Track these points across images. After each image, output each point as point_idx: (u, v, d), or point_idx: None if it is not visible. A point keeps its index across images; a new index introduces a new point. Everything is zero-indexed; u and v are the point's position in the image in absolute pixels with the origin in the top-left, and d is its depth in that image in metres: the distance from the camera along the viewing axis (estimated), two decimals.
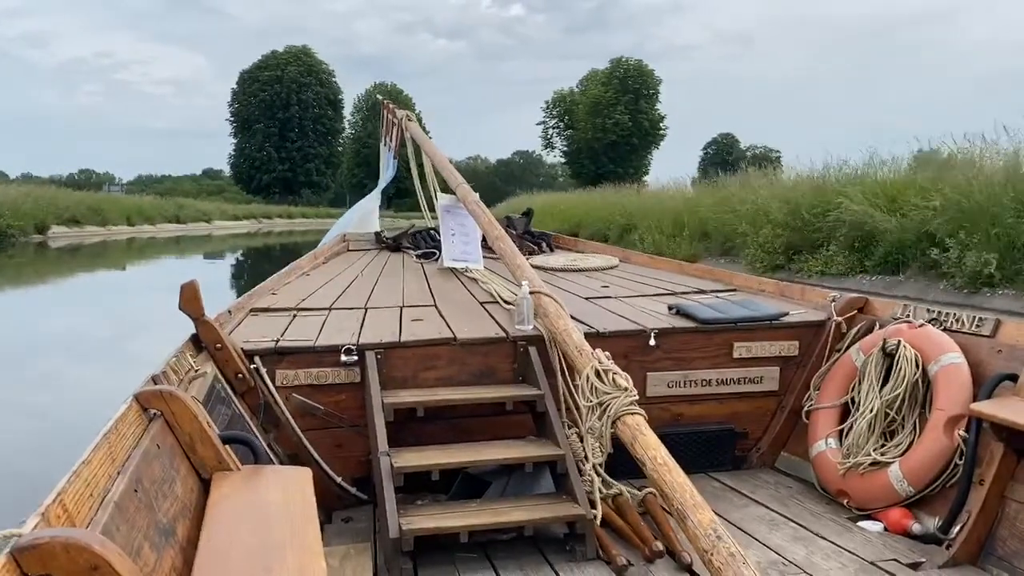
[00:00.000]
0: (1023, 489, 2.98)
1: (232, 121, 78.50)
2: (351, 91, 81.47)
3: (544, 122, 72.91)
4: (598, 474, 3.30)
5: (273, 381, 3.47)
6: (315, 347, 3.59)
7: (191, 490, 2.13)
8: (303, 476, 2.30)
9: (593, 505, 3.16)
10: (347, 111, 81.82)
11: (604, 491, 3.31)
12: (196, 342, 3.31)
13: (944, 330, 3.53)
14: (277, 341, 3.62)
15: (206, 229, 46.81)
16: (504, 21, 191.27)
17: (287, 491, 2.19)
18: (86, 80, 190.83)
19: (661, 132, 70.78)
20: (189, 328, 3.32)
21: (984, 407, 3.06)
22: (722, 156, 77.92)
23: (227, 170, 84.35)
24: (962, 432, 3.19)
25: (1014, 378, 3.14)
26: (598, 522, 3.13)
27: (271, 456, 3.18)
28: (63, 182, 56.59)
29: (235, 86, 78.65)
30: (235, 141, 78.50)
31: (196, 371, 2.99)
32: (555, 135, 72.37)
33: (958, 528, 3.05)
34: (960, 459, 3.18)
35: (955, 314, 3.62)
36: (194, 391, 2.75)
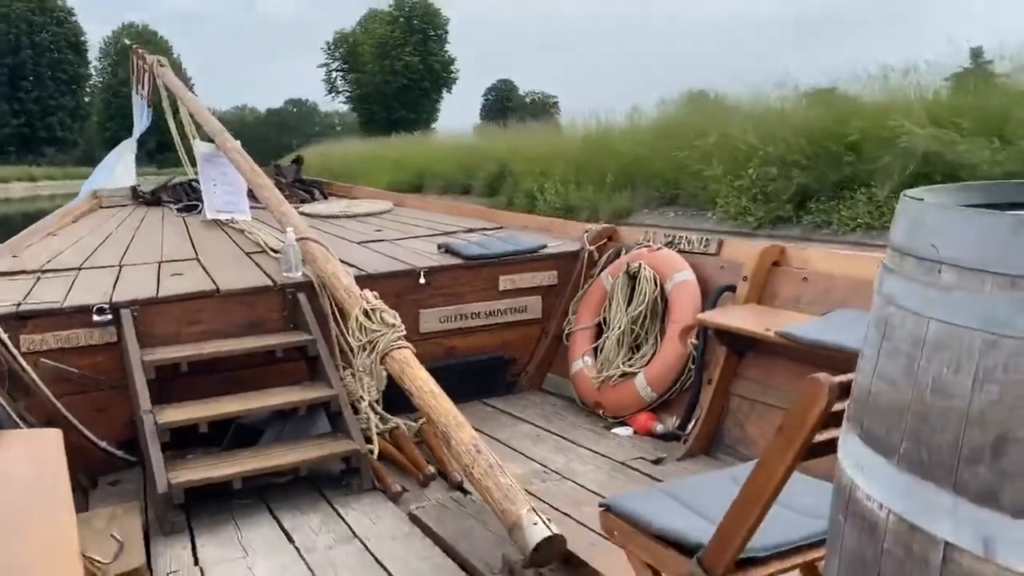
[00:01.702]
0: (744, 384, 3.43)
1: None
2: (95, 35, 71.83)
3: (326, 64, 68.42)
4: (374, 411, 3.40)
5: (17, 346, 3.24)
6: (63, 308, 3.38)
7: None
8: (51, 437, 2.21)
9: (369, 440, 3.26)
10: (92, 56, 72.50)
11: (381, 426, 3.42)
12: None
13: (679, 252, 3.93)
14: (19, 305, 3.37)
15: None
16: None
17: (33, 454, 2.09)
18: None
19: (452, 75, 68.83)
20: None
21: (708, 316, 3.47)
22: (502, 103, 78.84)
23: None
24: (694, 340, 3.61)
25: (733, 288, 3.58)
26: (375, 456, 3.24)
27: (21, 425, 2.99)
28: None
29: None
30: None
31: None
32: (339, 79, 68.26)
33: (692, 424, 3.48)
34: (693, 364, 3.60)
35: (687, 236, 4.04)
36: None
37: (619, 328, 3.83)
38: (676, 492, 1.83)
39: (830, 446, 1.26)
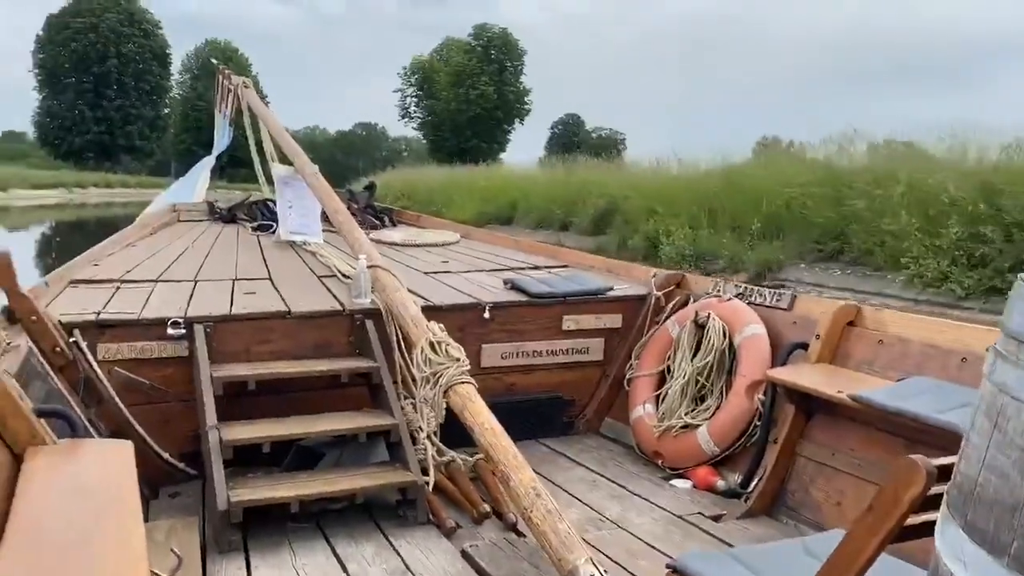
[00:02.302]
0: (811, 446, 3.34)
1: (37, 74, 66.79)
2: (178, 52, 73.40)
3: (401, 90, 68.49)
4: (432, 442, 3.40)
5: (94, 355, 3.33)
6: (140, 320, 3.47)
7: (1, 466, 2.04)
8: (124, 449, 2.25)
9: (425, 472, 3.25)
10: (174, 69, 73.45)
11: (437, 459, 3.42)
12: (9, 315, 3.13)
13: (749, 304, 3.87)
14: (98, 314, 3.47)
15: (1, 200, 38.99)
16: None
17: (106, 465, 2.14)
18: None
19: (526, 107, 68.34)
20: None
21: (778, 373, 3.39)
22: (568, 137, 78.98)
23: (32, 132, 73.06)
24: (761, 396, 3.53)
25: (805, 346, 3.50)
26: (430, 488, 3.23)
27: (92, 431, 3.06)
28: None
29: (40, 32, 66.23)
30: (40, 98, 67.56)
31: (8, 344, 2.83)
32: (413, 105, 68.11)
33: (755, 483, 3.39)
34: (759, 421, 3.52)
35: (759, 289, 3.97)
36: (5, 365, 2.60)
37: (684, 378, 3.77)
38: (747, 559, 1.78)
39: (923, 530, 1.21)
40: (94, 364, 3.31)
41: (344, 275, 4.43)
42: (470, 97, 63.27)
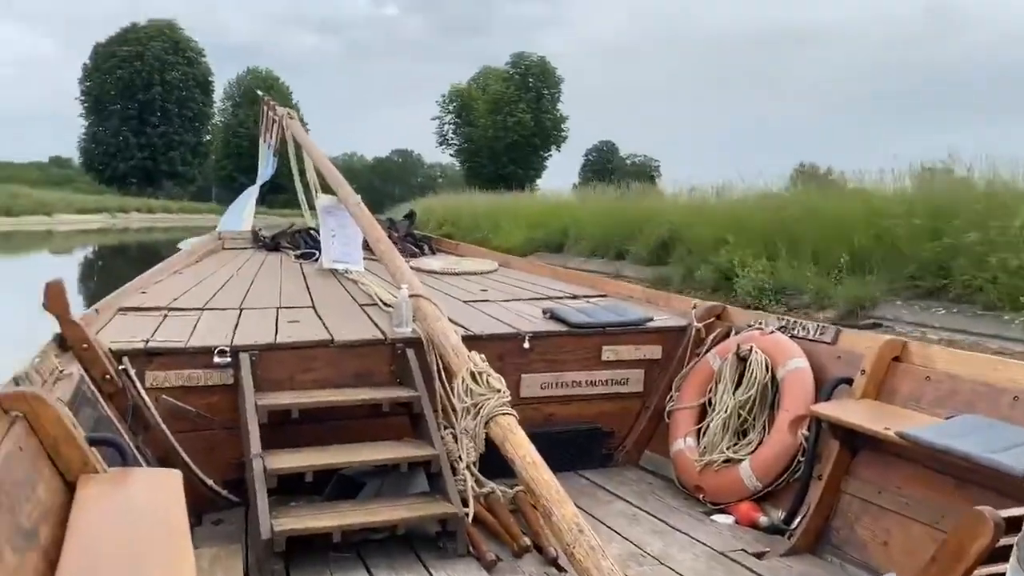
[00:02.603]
0: (856, 483, 3.28)
1: (83, 101, 67.86)
2: (220, 80, 74.36)
3: (440, 117, 68.62)
4: (471, 473, 3.40)
5: (143, 383, 3.40)
6: (187, 348, 3.54)
7: (55, 493, 2.09)
8: (172, 478, 2.29)
9: (465, 503, 3.25)
10: (217, 96, 74.45)
11: (477, 490, 3.41)
12: (61, 342, 3.21)
13: (792, 337, 3.83)
14: (147, 342, 3.54)
15: (46, 224, 38.83)
16: (378, 20, 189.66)
17: (155, 493, 2.18)
18: None
19: (563, 134, 68.36)
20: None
21: (823, 408, 3.35)
22: (603, 164, 78.85)
23: (78, 158, 73.67)
24: (804, 431, 3.48)
25: (850, 381, 3.45)
26: (470, 520, 3.23)
27: (140, 459, 3.12)
28: None
29: (88, 61, 67.55)
30: (86, 124, 68.20)
31: (61, 372, 2.91)
32: (451, 132, 68.17)
33: (799, 520, 3.33)
34: (802, 456, 3.47)
35: (801, 323, 3.93)
36: (59, 392, 2.67)
37: (726, 411, 3.73)
38: None
39: None
40: (142, 392, 3.38)
41: (385, 304, 4.48)
42: (508, 124, 63.49)
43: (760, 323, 4.06)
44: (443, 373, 3.64)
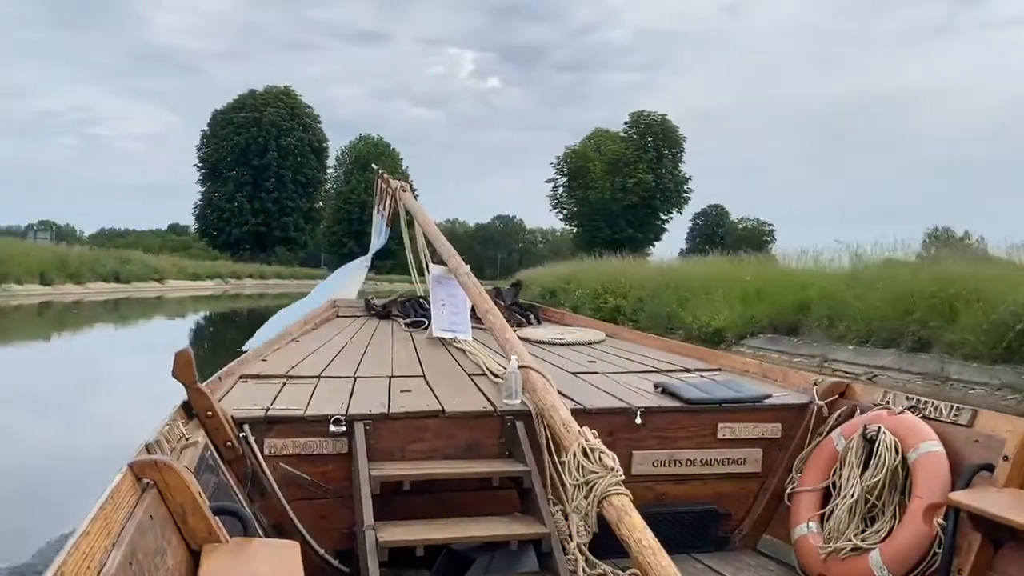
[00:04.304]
0: None
1: (200, 167, 69.26)
2: (330, 151, 76.87)
3: (554, 179, 66.94)
4: (582, 553, 3.31)
5: (262, 450, 3.48)
6: (305, 416, 3.62)
7: (181, 562, 2.15)
8: (291, 550, 2.32)
9: None
10: (328, 163, 75.38)
11: (588, 571, 3.31)
12: (187, 409, 3.33)
13: (923, 418, 3.61)
14: (267, 410, 3.64)
15: (156, 290, 38.00)
16: (481, 92, 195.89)
17: (275, 565, 2.21)
18: (59, 132, 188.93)
19: (685, 195, 65.68)
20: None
21: (962, 497, 3.12)
22: (711, 228, 77.21)
23: (193, 224, 75.63)
24: (941, 520, 3.24)
25: (991, 468, 3.21)
26: None
27: (258, 527, 3.18)
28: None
29: (206, 127, 69.39)
30: (202, 190, 69.68)
31: (187, 439, 3.01)
32: (564, 194, 66.35)
33: None
34: (939, 548, 3.22)
35: (933, 402, 3.70)
36: (185, 460, 2.77)
37: (852, 496, 3.52)
38: None
39: None
40: (261, 459, 3.46)
41: (494, 374, 4.48)
42: (627, 185, 61.69)
43: (887, 401, 3.85)
44: (553, 448, 3.59)
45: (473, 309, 5.71)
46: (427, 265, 6.91)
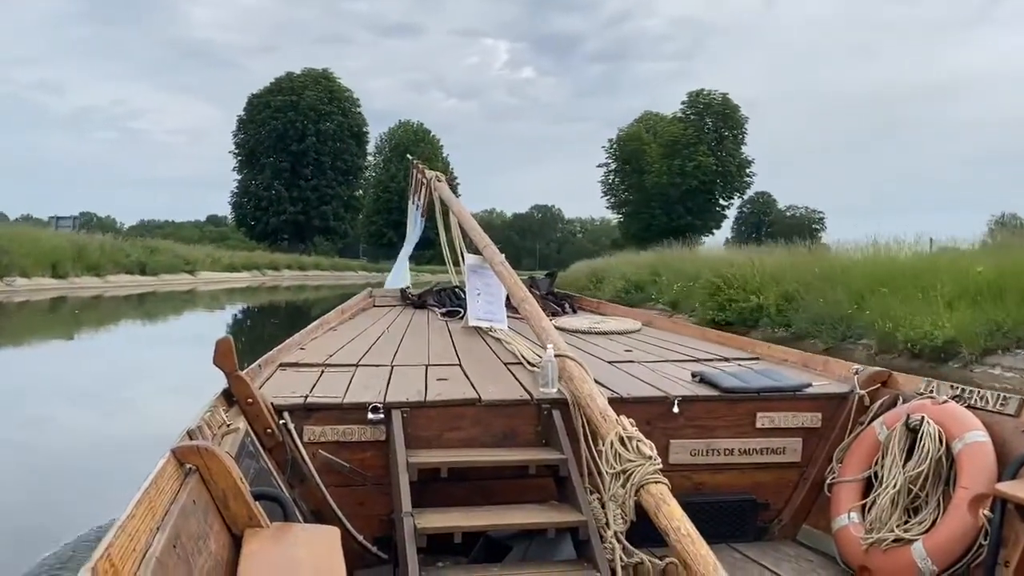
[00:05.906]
0: None
1: (236, 154, 65.38)
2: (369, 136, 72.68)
3: (606, 164, 61.53)
4: (619, 542, 3.30)
5: (301, 437, 3.52)
6: (343, 404, 3.65)
7: (224, 546, 2.18)
8: (331, 535, 2.35)
9: (613, 573, 3.15)
10: (368, 148, 71.30)
11: (625, 559, 3.30)
12: (228, 397, 3.38)
13: (967, 407, 3.54)
14: (306, 397, 3.68)
15: (187, 283, 33.56)
16: (514, 83, 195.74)
17: (316, 550, 2.23)
18: (99, 127, 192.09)
19: (747, 179, 60.16)
20: None
21: (1009, 488, 3.05)
22: (758, 216, 74.69)
23: (230, 213, 71.85)
24: (987, 512, 3.17)
25: None
26: None
27: (297, 513, 3.22)
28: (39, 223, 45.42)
29: (242, 112, 65.75)
30: (239, 178, 65.92)
31: (228, 426, 3.06)
32: (617, 180, 61.10)
33: None
34: (985, 539, 3.16)
35: (979, 392, 3.63)
36: (227, 446, 2.81)
37: (895, 486, 3.46)
38: None
39: None
40: (300, 446, 3.50)
41: (530, 363, 4.48)
42: (686, 169, 56.22)
43: (931, 391, 3.78)
44: (589, 436, 3.58)
45: (508, 298, 5.71)
46: (462, 255, 6.93)
